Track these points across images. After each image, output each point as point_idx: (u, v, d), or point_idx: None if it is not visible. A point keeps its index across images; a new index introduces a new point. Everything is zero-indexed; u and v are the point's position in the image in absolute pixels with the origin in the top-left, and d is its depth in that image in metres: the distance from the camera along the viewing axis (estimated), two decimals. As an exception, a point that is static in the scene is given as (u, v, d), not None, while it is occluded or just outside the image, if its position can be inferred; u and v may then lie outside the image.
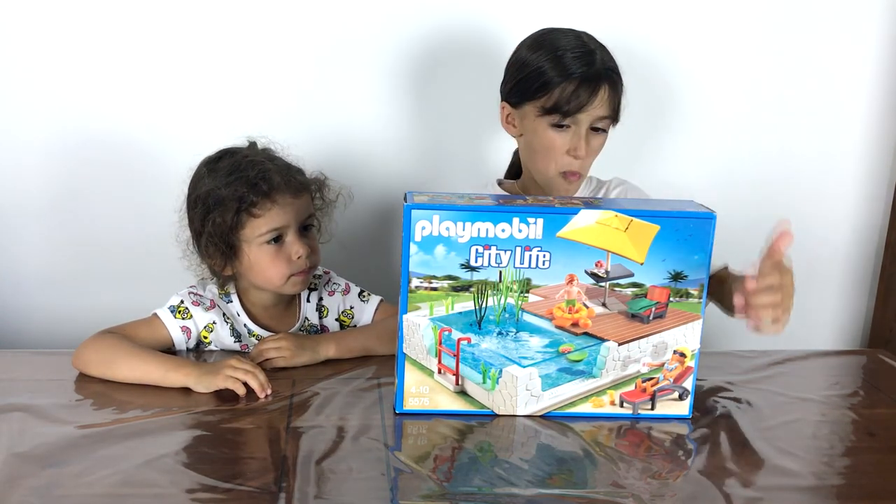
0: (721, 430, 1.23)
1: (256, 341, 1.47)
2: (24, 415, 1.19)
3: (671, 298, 1.21)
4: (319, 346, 1.41)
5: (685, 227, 1.18)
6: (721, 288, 1.30)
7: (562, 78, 1.42)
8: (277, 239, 1.42)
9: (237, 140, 1.50)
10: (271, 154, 1.48)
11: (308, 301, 1.54)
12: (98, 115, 1.77)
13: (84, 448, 1.11)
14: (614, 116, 1.47)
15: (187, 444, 1.14)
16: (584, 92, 1.41)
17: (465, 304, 1.19)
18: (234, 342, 1.48)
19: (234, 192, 1.39)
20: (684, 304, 1.21)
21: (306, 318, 1.54)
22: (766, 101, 1.90)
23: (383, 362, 1.40)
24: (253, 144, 1.49)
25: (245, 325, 1.49)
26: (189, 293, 1.48)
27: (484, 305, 1.19)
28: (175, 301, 1.46)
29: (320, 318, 1.55)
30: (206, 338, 1.47)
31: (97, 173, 1.79)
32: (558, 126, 1.44)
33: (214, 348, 1.48)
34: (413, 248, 1.16)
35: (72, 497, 1.00)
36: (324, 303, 1.56)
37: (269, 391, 1.29)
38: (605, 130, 1.47)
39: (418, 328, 1.20)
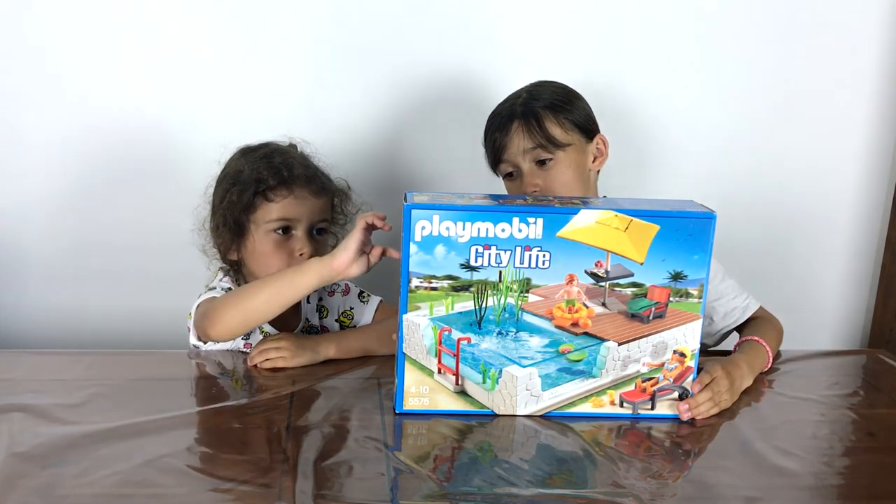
0: (721, 430, 1.23)
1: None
2: (24, 415, 1.19)
3: (671, 298, 1.21)
4: (319, 347, 1.41)
5: (685, 227, 1.18)
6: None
7: (487, 133, 1.54)
8: (286, 231, 1.42)
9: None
10: (306, 156, 1.51)
11: (308, 302, 1.54)
12: (103, 116, 1.76)
13: (84, 448, 1.11)
14: (549, 144, 1.47)
15: (187, 444, 1.14)
16: (498, 137, 1.50)
17: (465, 304, 1.19)
18: (242, 339, 1.47)
19: (256, 173, 1.42)
20: (684, 304, 1.21)
21: (307, 318, 1.54)
22: (767, 100, 1.90)
23: (383, 362, 1.40)
24: (293, 146, 1.52)
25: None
26: (218, 287, 1.47)
27: (484, 305, 1.19)
28: (226, 284, 1.46)
29: (320, 318, 1.55)
30: None
31: (101, 174, 1.79)
32: (508, 176, 1.53)
33: (211, 347, 1.47)
34: (413, 247, 1.16)
35: (72, 497, 1.00)
36: (323, 303, 1.56)
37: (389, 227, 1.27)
38: (549, 160, 1.48)
39: (418, 328, 1.20)
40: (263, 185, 1.42)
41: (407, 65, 1.80)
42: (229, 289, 1.46)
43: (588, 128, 1.53)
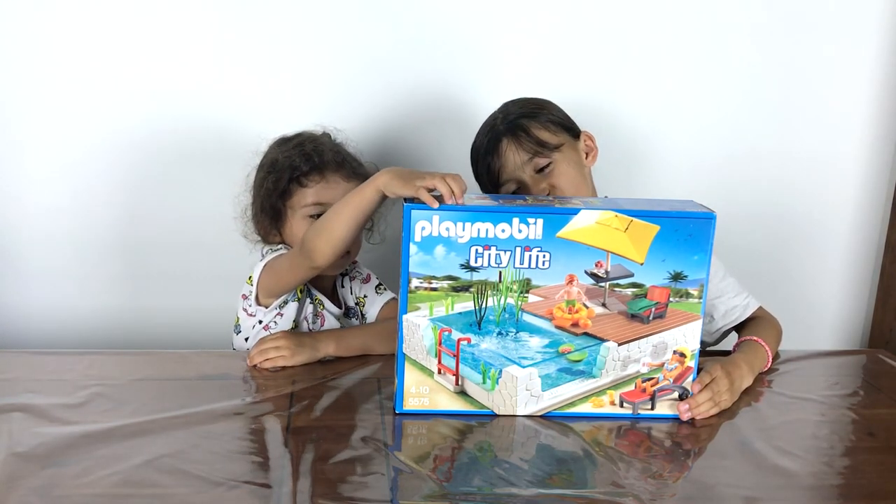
0: (721, 430, 1.23)
1: (320, 311, 1.53)
2: (24, 415, 1.19)
3: (671, 298, 1.21)
4: (319, 344, 1.41)
5: (685, 227, 1.18)
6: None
7: (477, 165, 1.54)
8: (322, 215, 1.44)
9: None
10: (338, 142, 1.57)
11: (342, 286, 1.60)
12: (107, 121, 1.76)
13: (84, 448, 1.11)
14: (543, 149, 1.48)
15: (187, 444, 1.14)
16: (492, 161, 1.50)
17: (465, 304, 1.19)
18: (310, 301, 1.52)
19: (290, 160, 1.49)
20: (684, 304, 1.21)
21: (344, 300, 1.59)
22: (767, 100, 1.90)
23: (383, 362, 1.40)
24: (325, 134, 1.57)
25: (311, 291, 1.53)
26: (282, 247, 1.52)
27: (484, 306, 1.19)
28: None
29: (356, 302, 1.60)
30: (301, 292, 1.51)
31: (104, 174, 1.79)
32: (513, 195, 1.50)
33: (271, 312, 1.48)
34: (413, 248, 1.16)
35: (72, 497, 1.01)
36: (351, 285, 1.61)
37: (461, 201, 1.17)
38: (549, 164, 1.48)
39: (418, 328, 1.20)
40: (297, 172, 1.48)
41: (409, 68, 1.80)
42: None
43: (570, 126, 1.55)
